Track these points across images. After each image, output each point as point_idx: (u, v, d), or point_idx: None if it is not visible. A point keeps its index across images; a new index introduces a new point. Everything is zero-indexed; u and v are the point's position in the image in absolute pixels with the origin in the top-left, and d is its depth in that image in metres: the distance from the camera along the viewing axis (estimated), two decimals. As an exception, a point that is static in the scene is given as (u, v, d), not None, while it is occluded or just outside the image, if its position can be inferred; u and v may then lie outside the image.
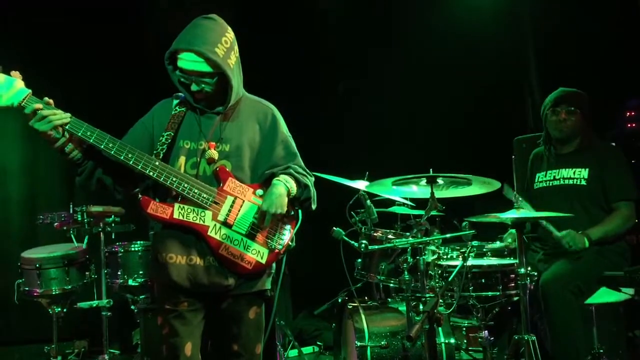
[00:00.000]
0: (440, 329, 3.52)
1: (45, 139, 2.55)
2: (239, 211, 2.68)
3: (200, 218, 2.65)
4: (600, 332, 3.44)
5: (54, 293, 4.38)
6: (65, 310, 4.54)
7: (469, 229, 3.61)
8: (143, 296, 4.51)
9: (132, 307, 4.59)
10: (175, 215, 2.63)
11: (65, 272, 4.40)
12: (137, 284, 4.45)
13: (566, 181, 3.91)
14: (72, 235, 4.55)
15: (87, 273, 4.54)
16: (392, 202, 4.37)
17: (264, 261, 2.70)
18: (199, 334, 2.75)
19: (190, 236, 2.66)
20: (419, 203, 4.14)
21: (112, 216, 4.48)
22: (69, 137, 2.58)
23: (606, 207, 3.82)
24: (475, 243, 3.91)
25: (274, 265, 2.81)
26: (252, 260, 2.68)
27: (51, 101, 2.54)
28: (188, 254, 2.66)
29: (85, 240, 4.60)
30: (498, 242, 4.06)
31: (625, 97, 5.43)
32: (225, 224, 2.66)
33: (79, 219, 4.40)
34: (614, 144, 4.11)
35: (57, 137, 2.55)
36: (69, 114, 2.55)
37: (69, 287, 4.40)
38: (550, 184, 3.98)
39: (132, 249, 4.52)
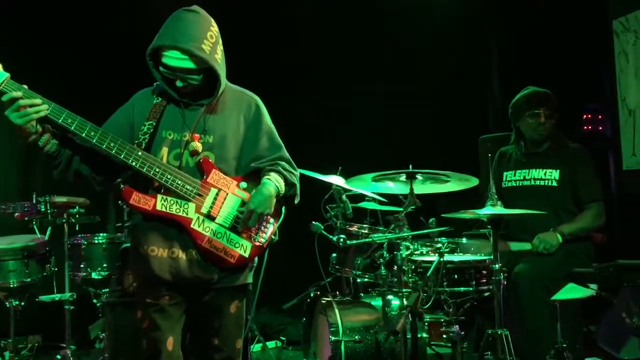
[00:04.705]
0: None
1: (19, 133, 2.45)
2: (222, 204, 2.64)
3: (183, 210, 2.60)
4: (563, 327, 3.54)
5: (12, 286, 4.18)
6: (23, 303, 4.37)
7: (436, 226, 3.67)
8: (106, 290, 4.39)
9: (94, 300, 4.47)
10: (158, 207, 2.58)
11: (25, 264, 4.20)
12: (100, 277, 4.34)
13: (537, 182, 3.98)
14: (35, 226, 4.38)
15: (47, 266, 4.36)
16: (362, 197, 4.39)
17: (247, 255, 2.67)
18: (180, 329, 2.71)
19: (172, 229, 2.61)
20: (390, 198, 4.17)
21: (77, 207, 4.33)
22: (41, 130, 2.49)
23: (575, 209, 3.92)
24: (443, 240, 3.96)
25: (256, 259, 2.79)
26: (235, 254, 2.65)
27: (25, 87, 2.44)
28: (170, 247, 2.61)
29: (48, 232, 4.44)
30: (465, 239, 4.12)
31: (584, 101, 5.59)
32: (208, 216, 2.62)
33: (42, 209, 4.25)
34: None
35: (31, 131, 2.45)
36: (46, 105, 2.44)
37: (29, 279, 4.21)
38: (520, 184, 4.04)
39: (96, 242, 4.40)
